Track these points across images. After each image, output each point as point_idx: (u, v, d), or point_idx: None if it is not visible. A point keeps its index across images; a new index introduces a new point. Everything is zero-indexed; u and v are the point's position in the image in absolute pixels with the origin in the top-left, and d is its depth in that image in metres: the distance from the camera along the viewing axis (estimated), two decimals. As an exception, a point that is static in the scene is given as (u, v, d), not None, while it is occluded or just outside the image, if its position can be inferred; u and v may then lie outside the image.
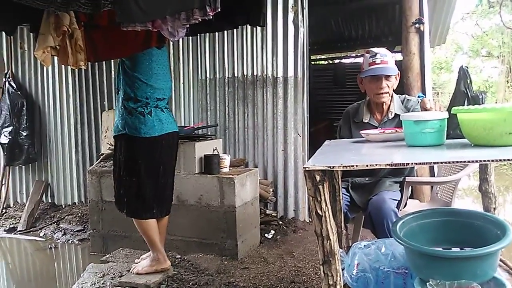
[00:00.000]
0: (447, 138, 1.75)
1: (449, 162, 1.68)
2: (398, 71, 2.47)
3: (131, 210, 2.82)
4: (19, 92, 5.02)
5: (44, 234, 4.44)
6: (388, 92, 2.45)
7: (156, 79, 2.76)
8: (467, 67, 2.22)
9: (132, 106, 2.71)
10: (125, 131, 2.72)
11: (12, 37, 5.00)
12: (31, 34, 3.74)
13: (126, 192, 2.80)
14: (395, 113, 2.46)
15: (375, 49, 2.46)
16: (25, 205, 4.93)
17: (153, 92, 2.74)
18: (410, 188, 2.73)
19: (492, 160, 1.33)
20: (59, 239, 4.27)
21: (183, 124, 4.49)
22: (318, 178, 1.34)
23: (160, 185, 2.83)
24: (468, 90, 2.10)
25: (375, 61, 2.40)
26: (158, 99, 2.77)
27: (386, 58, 2.41)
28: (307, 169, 1.35)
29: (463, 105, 2.02)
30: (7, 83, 4.98)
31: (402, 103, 2.52)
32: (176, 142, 2.94)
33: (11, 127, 4.91)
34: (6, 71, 5.07)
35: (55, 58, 2.66)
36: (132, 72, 2.71)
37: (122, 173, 2.80)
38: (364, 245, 1.82)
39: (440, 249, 1.62)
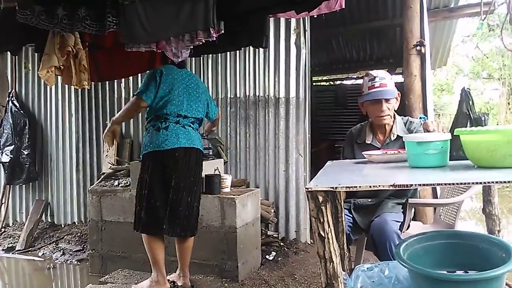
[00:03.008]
0: (450, 160, 1.74)
1: (452, 184, 1.67)
2: (397, 91, 2.48)
3: (134, 221, 2.83)
4: (22, 111, 5.05)
5: (43, 254, 4.40)
6: (389, 114, 2.45)
7: (177, 96, 2.74)
8: (469, 89, 2.23)
9: (150, 124, 2.75)
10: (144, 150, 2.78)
11: (16, 56, 5.06)
12: (35, 54, 3.77)
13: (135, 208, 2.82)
14: (398, 135, 2.46)
15: (373, 72, 2.46)
16: (24, 224, 4.89)
17: (173, 108, 2.72)
18: (413, 209, 2.70)
19: (496, 182, 1.32)
20: (57, 259, 4.22)
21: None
22: (320, 198, 1.33)
23: (172, 201, 2.76)
24: (470, 112, 2.10)
25: (374, 85, 2.41)
26: (179, 115, 2.75)
27: (385, 81, 2.42)
28: (309, 189, 1.33)
29: (466, 127, 2.02)
30: (10, 102, 5.01)
31: (405, 125, 2.51)
32: (194, 160, 2.84)
33: (13, 146, 4.92)
34: (10, 90, 5.11)
35: (59, 77, 2.68)
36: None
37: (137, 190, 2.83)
38: (367, 268, 1.79)
39: (445, 272, 1.59)
